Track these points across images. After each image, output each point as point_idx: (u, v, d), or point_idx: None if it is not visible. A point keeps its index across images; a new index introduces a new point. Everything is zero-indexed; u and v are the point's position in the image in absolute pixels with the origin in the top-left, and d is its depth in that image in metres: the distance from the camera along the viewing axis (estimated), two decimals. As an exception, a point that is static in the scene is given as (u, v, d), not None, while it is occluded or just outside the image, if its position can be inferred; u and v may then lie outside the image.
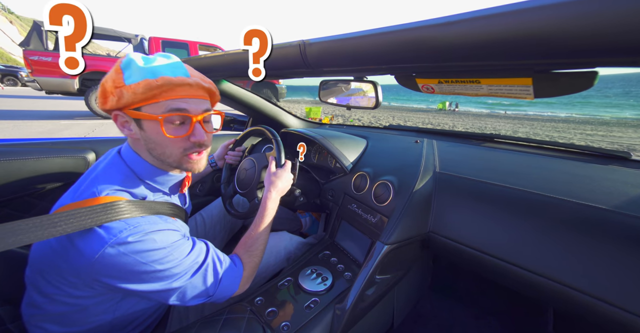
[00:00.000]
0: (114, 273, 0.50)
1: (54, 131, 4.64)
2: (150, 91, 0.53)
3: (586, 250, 0.54)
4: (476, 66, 0.41)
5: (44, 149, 0.97)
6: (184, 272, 0.57)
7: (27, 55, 5.10)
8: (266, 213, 0.78)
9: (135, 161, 0.61)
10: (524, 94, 0.41)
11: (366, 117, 10.06)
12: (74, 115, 6.16)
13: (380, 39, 0.46)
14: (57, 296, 0.54)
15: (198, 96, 0.60)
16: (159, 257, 0.53)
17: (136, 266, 0.50)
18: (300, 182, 1.04)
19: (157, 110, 0.55)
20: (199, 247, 0.62)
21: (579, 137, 7.96)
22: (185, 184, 0.73)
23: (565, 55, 0.29)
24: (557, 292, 0.55)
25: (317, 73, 0.70)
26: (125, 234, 0.50)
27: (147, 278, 0.53)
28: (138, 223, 0.52)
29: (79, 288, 0.53)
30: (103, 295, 0.56)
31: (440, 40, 0.38)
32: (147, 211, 0.57)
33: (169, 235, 0.56)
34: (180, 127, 0.59)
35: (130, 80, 0.53)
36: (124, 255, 0.49)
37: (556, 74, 0.37)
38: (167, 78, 0.53)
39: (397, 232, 0.73)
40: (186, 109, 0.57)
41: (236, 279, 0.66)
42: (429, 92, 0.57)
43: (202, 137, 0.61)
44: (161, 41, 5.89)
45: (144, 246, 0.51)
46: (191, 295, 0.59)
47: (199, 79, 0.60)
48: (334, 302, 0.72)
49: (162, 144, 0.59)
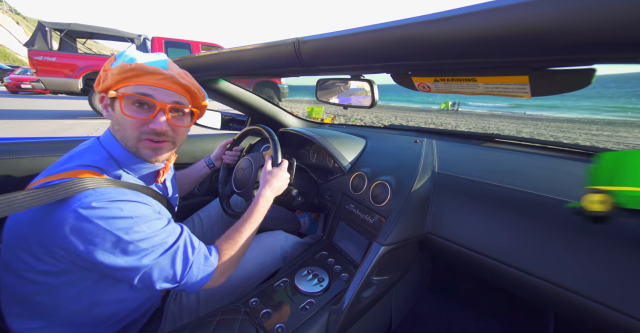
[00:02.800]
0: (75, 239, 0.48)
1: (58, 130, 4.69)
2: (123, 74, 0.58)
3: (587, 252, 0.52)
4: (472, 64, 0.40)
5: (39, 148, 0.97)
6: (151, 249, 0.54)
7: (32, 55, 5.17)
8: (256, 210, 0.76)
9: (112, 144, 0.63)
10: (521, 92, 0.40)
11: (368, 117, 10.04)
12: (78, 115, 6.22)
13: (374, 35, 0.45)
14: (26, 273, 0.52)
15: (169, 87, 0.62)
16: (124, 225, 0.51)
17: (99, 233, 0.49)
18: (298, 181, 1.03)
19: (125, 91, 0.59)
20: (172, 228, 0.60)
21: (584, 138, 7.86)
22: (160, 174, 0.71)
23: (562, 51, 0.28)
24: (557, 295, 0.54)
25: (312, 71, 0.70)
26: (90, 199, 0.49)
27: (110, 249, 0.50)
28: (106, 191, 0.52)
29: (43, 260, 0.51)
30: (70, 272, 0.53)
31: (434, 36, 0.37)
32: (120, 186, 0.56)
33: (137, 206, 0.55)
34: (142, 110, 0.60)
35: (114, 65, 0.59)
36: (86, 219, 0.48)
37: (553, 72, 0.35)
38: (141, 64, 0.58)
39: (395, 233, 0.72)
40: (151, 95, 0.60)
41: (208, 268, 0.63)
42: (425, 90, 0.56)
43: (160, 126, 0.61)
44: (164, 41, 5.93)
45: (108, 213, 0.50)
46: (157, 277, 0.56)
47: (176, 74, 0.62)
48: (330, 304, 0.71)
49: (123, 125, 0.60)
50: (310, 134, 1.11)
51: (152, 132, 0.61)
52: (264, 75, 0.88)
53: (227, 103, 1.33)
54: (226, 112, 1.46)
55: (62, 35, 5.58)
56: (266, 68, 0.73)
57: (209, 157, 1.10)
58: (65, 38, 5.65)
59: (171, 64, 0.64)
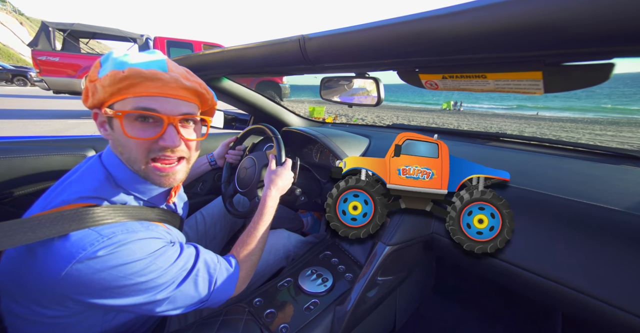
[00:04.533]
0: (86, 290, 0.45)
1: (62, 130, 4.71)
2: (116, 84, 0.47)
3: (597, 253, 0.51)
4: (482, 59, 0.39)
5: (44, 146, 0.97)
6: (170, 281, 0.51)
7: (35, 55, 5.20)
8: (265, 212, 0.76)
9: (115, 165, 0.55)
10: (534, 88, 0.39)
11: (370, 117, 10.02)
12: (81, 115, 6.24)
13: (381, 31, 0.44)
14: (30, 316, 0.48)
15: (176, 96, 0.52)
16: (139, 268, 0.47)
17: (113, 281, 0.45)
18: (301, 181, 1.02)
19: (124, 107, 0.49)
20: (187, 253, 0.57)
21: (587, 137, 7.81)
22: (172, 194, 0.64)
23: (580, 44, 0.26)
24: (566, 297, 0.53)
25: (318, 69, 0.69)
26: (96, 248, 0.44)
27: (127, 292, 0.47)
28: (112, 233, 0.46)
29: (49, 307, 0.47)
30: (82, 312, 0.49)
31: (444, 31, 0.36)
32: (127, 216, 0.51)
33: (149, 243, 0.50)
34: (147, 126, 0.51)
35: (102, 73, 0.48)
36: (96, 271, 0.43)
37: (568, 67, 0.34)
38: (136, 69, 0.47)
39: (399, 233, 0.71)
40: (155, 108, 0.50)
41: (232, 281, 0.63)
42: (432, 88, 0.55)
43: (172, 142, 0.52)
44: (166, 41, 5.94)
45: (119, 259, 0.45)
46: (182, 303, 0.54)
47: (179, 76, 0.51)
48: (335, 304, 0.70)
49: (127, 147, 0.52)
50: (314, 133, 1.10)
51: (163, 150, 0.53)
52: (269, 74, 0.87)
53: (230, 102, 1.33)
54: (229, 111, 1.45)
55: (65, 36, 5.61)
56: (271, 66, 0.72)
57: (212, 154, 1.10)
58: (69, 38, 5.68)
59: (170, 64, 0.53)
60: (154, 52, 0.53)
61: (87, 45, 6.57)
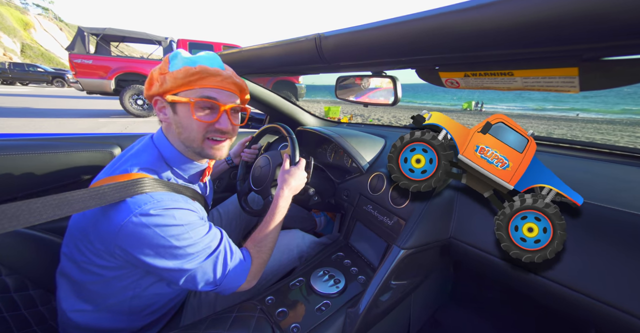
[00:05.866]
0: (133, 242, 0.54)
1: (93, 128, 5.03)
2: (188, 77, 0.60)
3: (634, 265, 0.47)
4: (509, 55, 0.36)
5: (73, 143, 1.04)
6: (197, 253, 0.59)
7: (72, 58, 5.57)
8: (277, 211, 0.77)
9: (165, 146, 0.67)
10: (568, 86, 0.36)
11: (386, 117, 9.84)
12: (110, 114, 6.63)
13: (399, 28, 0.42)
14: (84, 264, 0.59)
15: (229, 89, 0.65)
16: (176, 233, 0.55)
17: (154, 238, 0.53)
18: (315, 180, 1.02)
19: (191, 95, 0.62)
20: (214, 233, 0.64)
21: (626, 140, 7.18)
22: (205, 173, 0.76)
23: (626, 35, 0.24)
24: (599, 312, 0.49)
25: (333, 68, 0.68)
26: (149, 207, 0.54)
27: (163, 253, 0.55)
28: (161, 198, 0.56)
29: (103, 257, 0.57)
30: (123, 268, 0.59)
31: (467, 26, 0.34)
32: (170, 189, 0.61)
33: (187, 214, 0.59)
34: (209, 114, 0.64)
35: (174, 68, 0.61)
36: (145, 226, 0.53)
37: (608, 62, 0.31)
38: (204, 67, 0.60)
39: (415, 237, 0.69)
40: (216, 97, 0.63)
41: (244, 272, 0.66)
42: (453, 86, 0.52)
43: (226, 125, 0.66)
44: (188, 43, 6.17)
45: (163, 220, 0.54)
46: (200, 280, 0.60)
47: (232, 73, 0.67)
48: (346, 306, 0.69)
49: (188, 128, 0.63)
50: (328, 133, 1.09)
51: (217, 131, 0.66)
52: (285, 73, 0.88)
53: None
54: (246, 110, 1.48)
55: (98, 39, 5.98)
56: (287, 65, 0.73)
57: (228, 154, 1.12)
58: (101, 42, 6.05)
59: (225, 65, 0.67)
60: (209, 53, 0.66)
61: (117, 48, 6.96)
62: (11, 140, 0.95)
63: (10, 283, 0.66)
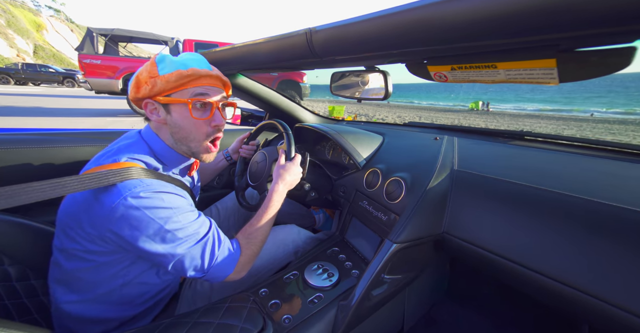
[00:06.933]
0: (123, 224, 0.55)
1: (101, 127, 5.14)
2: (181, 80, 0.62)
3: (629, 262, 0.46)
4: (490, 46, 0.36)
5: (78, 138, 1.07)
6: (186, 238, 0.60)
7: (81, 58, 5.70)
8: (270, 205, 0.78)
9: (155, 141, 0.69)
10: (548, 78, 0.36)
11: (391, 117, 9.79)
12: (118, 113, 6.76)
13: (387, 20, 0.43)
14: (74, 251, 0.60)
15: (217, 85, 0.69)
16: (165, 215, 0.57)
17: (144, 221, 0.55)
18: (312, 177, 1.03)
19: (184, 95, 0.65)
20: (203, 220, 0.66)
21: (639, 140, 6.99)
22: (193, 168, 0.79)
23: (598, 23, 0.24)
24: (592, 308, 0.48)
25: (326, 62, 0.69)
26: (139, 189, 0.55)
27: (152, 236, 0.56)
28: (151, 182, 0.58)
29: (95, 241, 0.58)
30: (115, 252, 0.60)
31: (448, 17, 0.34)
32: (159, 178, 0.63)
33: (176, 198, 0.61)
34: (203, 111, 0.68)
35: (164, 71, 0.63)
36: (134, 208, 0.54)
37: (584, 53, 0.31)
38: (196, 69, 0.63)
39: (407, 231, 0.70)
40: (208, 94, 0.67)
41: (232, 262, 0.67)
42: (441, 80, 0.52)
43: (220, 121, 0.70)
44: (194, 43, 6.25)
45: (152, 202, 0.56)
46: (189, 266, 0.61)
47: (219, 72, 0.71)
48: (339, 299, 0.70)
49: (186, 128, 0.67)
50: (325, 130, 1.10)
51: (215, 130, 0.70)
52: (279, 69, 0.89)
53: (245, 98, 1.36)
54: (245, 108, 1.50)
55: (106, 40, 6.10)
56: (280, 61, 0.74)
57: (227, 150, 1.14)
58: (109, 42, 6.17)
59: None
60: (197, 55, 0.69)
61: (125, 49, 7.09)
62: (19, 135, 0.99)
63: (12, 273, 0.68)
